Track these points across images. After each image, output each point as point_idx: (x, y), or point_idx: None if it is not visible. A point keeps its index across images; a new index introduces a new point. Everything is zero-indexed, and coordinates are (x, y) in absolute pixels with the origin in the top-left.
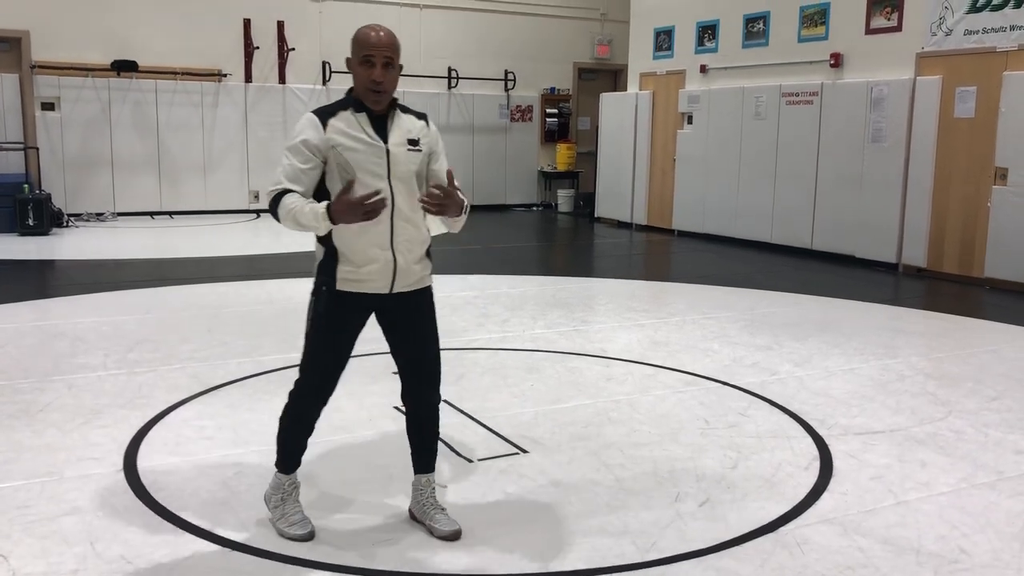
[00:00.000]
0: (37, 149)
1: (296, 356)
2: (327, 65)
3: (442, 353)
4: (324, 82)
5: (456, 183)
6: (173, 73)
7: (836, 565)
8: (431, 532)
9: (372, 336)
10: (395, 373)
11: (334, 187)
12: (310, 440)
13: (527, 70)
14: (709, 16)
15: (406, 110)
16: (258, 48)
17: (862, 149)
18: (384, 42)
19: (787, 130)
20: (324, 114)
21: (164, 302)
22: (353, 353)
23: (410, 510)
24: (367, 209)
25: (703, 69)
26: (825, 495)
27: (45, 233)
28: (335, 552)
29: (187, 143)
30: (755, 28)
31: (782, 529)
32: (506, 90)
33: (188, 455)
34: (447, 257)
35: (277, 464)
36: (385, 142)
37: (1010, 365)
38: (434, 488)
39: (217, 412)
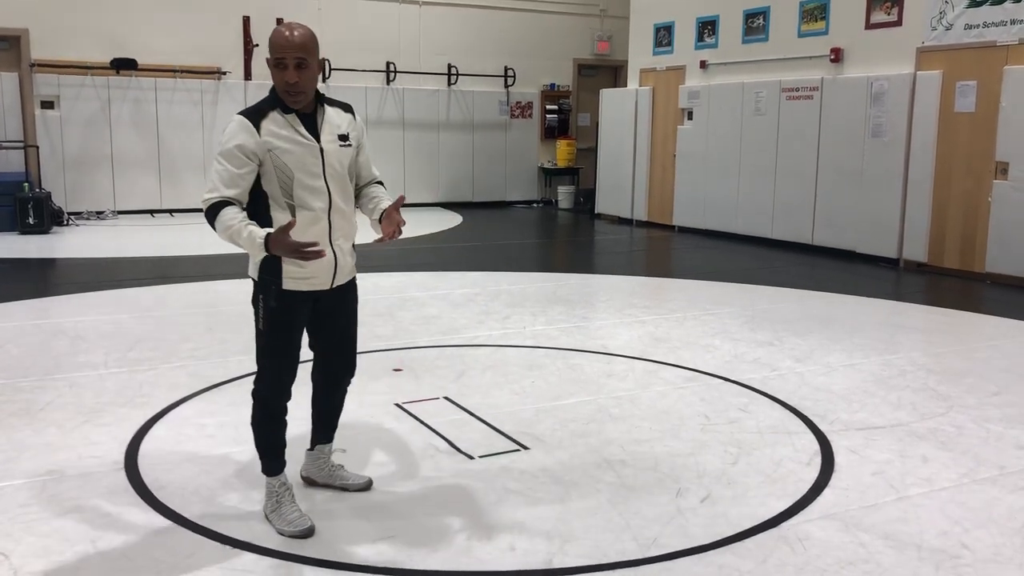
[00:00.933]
0: (37, 148)
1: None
2: (326, 62)
3: (443, 350)
4: (323, 79)
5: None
6: (173, 71)
7: (837, 561)
8: (344, 489)
9: (374, 334)
10: (396, 371)
11: (271, 188)
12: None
13: (527, 66)
14: (709, 12)
15: (332, 103)
16: (257, 46)
17: (862, 144)
18: (295, 43)
19: (787, 125)
20: (255, 116)
21: (164, 300)
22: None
23: (307, 477)
24: (304, 256)
25: (703, 65)
26: (826, 491)
27: (45, 232)
28: (334, 548)
29: (187, 141)
30: (755, 23)
31: (783, 525)
32: (506, 86)
33: (189, 453)
34: (447, 254)
35: (263, 470)
36: (318, 140)
37: (1011, 360)
38: (332, 453)
39: (218, 410)
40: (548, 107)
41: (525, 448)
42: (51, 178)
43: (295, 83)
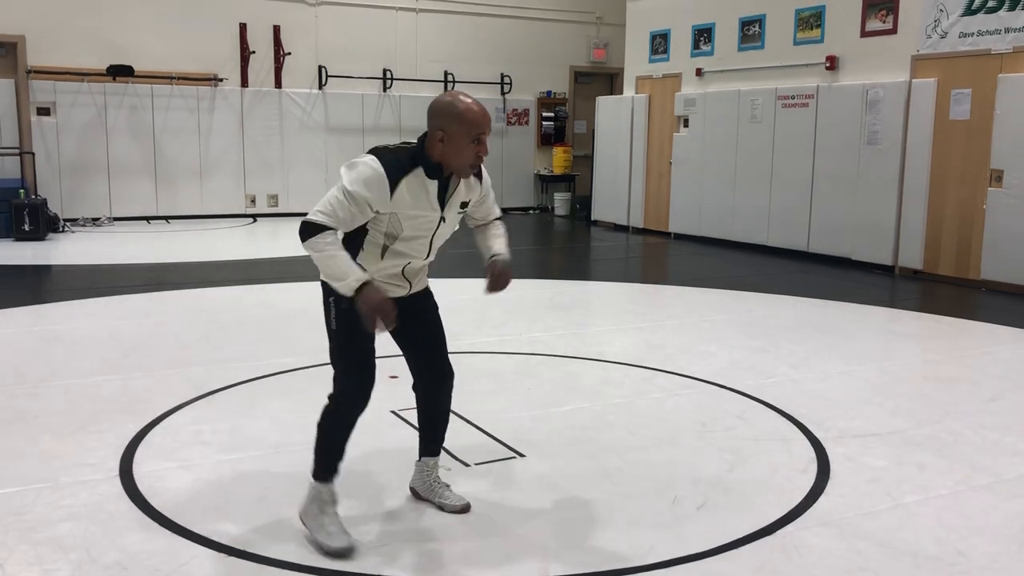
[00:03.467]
0: (33, 154)
1: (293, 360)
2: (323, 69)
3: None
4: (320, 86)
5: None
6: (169, 78)
7: (834, 568)
8: (441, 508)
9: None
10: (392, 378)
11: (375, 231)
12: (307, 447)
13: (523, 74)
14: (705, 19)
15: None
16: (254, 53)
17: (858, 151)
18: (489, 119)
19: (783, 133)
20: (395, 173)
21: (160, 307)
22: None
23: (413, 488)
24: (379, 326)
25: (699, 72)
26: (822, 498)
27: (41, 238)
28: (330, 558)
29: (183, 148)
30: (751, 31)
31: (779, 532)
32: (502, 94)
33: (185, 460)
34: (444, 261)
35: (316, 474)
36: (443, 209)
37: (1007, 367)
38: (439, 468)
39: (214, 417)
40: (544, 114)
41: (521, 455)
42: (47, 185)
43: (487, 155)
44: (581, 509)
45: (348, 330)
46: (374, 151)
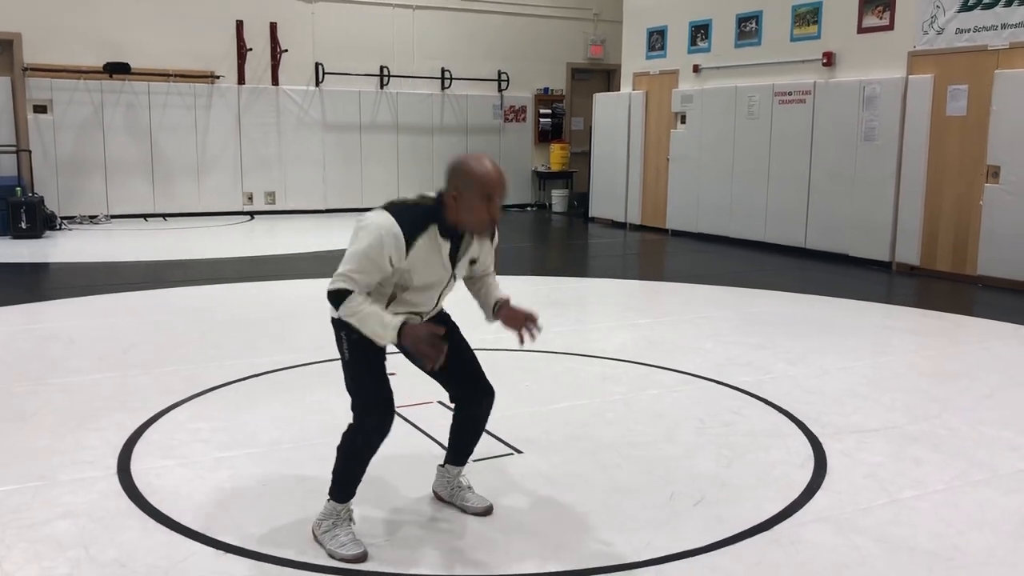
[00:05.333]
0: (30, 152)
1: (291, 357)
2: (320, 66)
3: None
4: (317, 83)
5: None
6: (166, 75)
7: (831, 563)
8: (463, 510)
9: None
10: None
11: (385, 282)
12: (316, 449)
13: (520, 70)
14: (702, 16)
15: None
16: (251, 50)
17: (855, 148)
18: (504, 183)
19: (780, 129)
20: (411, 230)
21: (158, 305)
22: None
23: (435, 491)
24: (432, 348)
25: (696, 69)
26: (819, 493)
27: (38, 236)
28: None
29: (180, 145)
30: (748, 27)
31: (777, 528)
32: (499, 90)
33: (183, 458)
34: None
35: (333, 495)
36: (454, 267)
37: (1003, 362)
38: (463, 475)
39: (212, 415)
40: (542, 111)
41: (519, 452)
42: (44, 182)
43: (498, 218)
44: (578, 505)
45: (362, 360)
46: (390, 208)
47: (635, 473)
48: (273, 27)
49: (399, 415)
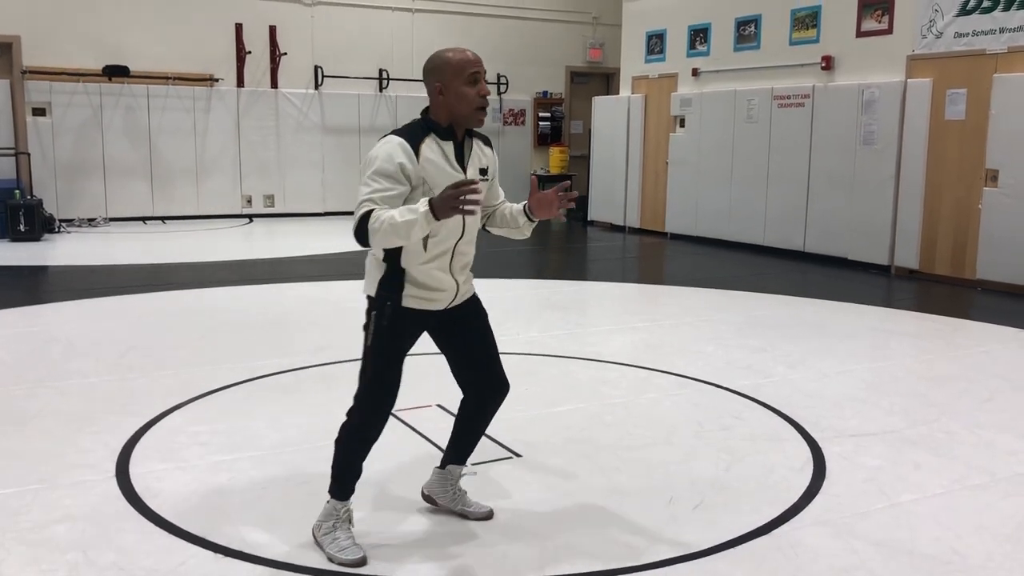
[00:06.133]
0: (28, 155)
1: (289, 361)
2: (319, 69)
3: (435, 357)
4: (316, 86)
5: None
6: (165, 78)
7: (830, 567)
8: (464, 516)
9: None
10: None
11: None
12: (315, 452)
13: (519, 74)
14: (701, 19)
15: (476, 134)
16: (250, 53)
17: (854, 151)
18: (479, 58)
19: (779, 133)
20: (412, 139)
21: (156, 308)
22: (340, 359)
23: (428, 495)
24: (463, 204)
25: (695, 72)
26: (818, 497)
27: (37, 239)
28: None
29: (179, 148)
30: (747, 31)
31: (776, 532)
32: (499, 94)
33: (181, 461)
34: None
35: (333, 492)
36: (464, 172)
37: (1002, 366)
38: (462, 476)
39: (210, 418)
40: (541, 114)
41: (518, 455)
42: (42, 185)
43: (488, 94)
44: (577, 509)
45: (383, 349)
46: (386, 134)
47: (634, 477)
48: (272, 30)
49: (397, 418)
